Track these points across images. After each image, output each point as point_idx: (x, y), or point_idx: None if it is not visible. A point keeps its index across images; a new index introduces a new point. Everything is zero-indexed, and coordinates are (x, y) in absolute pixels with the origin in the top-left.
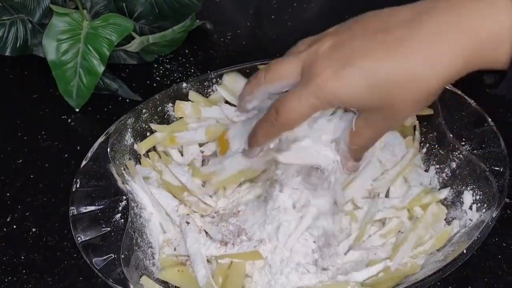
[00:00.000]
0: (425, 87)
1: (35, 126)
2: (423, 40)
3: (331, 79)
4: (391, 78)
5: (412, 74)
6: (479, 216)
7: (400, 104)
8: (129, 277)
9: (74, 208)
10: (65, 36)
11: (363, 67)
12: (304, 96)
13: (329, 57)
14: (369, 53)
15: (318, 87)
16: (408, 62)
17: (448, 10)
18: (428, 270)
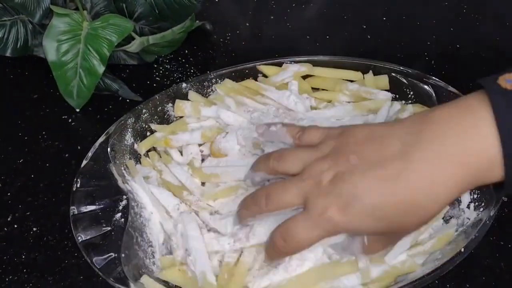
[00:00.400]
0: (426, 214)
1: (35, 126)
2: (418, 175)
3: (338, 215)
4: (394, 211)
5: (413, 205)
6: (477, 215)
7: (404, 229)
8: (129, 276)
9: (75, 207)
10: (65, 37)
11: (368, 204)
12: (314, 229)
13: (333, 193)
14: (372, 191)
15: (327, 222)
16: (408, 195)
17: (435, 142)
18: (426, 268)
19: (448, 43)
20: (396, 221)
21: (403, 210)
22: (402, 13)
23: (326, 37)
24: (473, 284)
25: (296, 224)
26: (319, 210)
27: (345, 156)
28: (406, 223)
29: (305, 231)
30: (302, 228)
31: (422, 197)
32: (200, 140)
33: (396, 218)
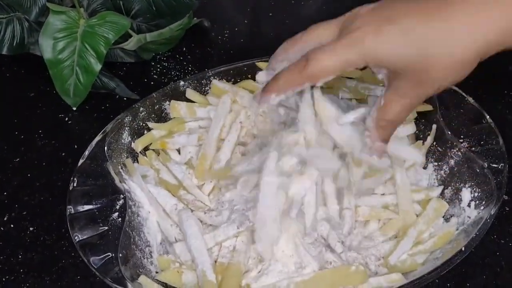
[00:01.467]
0: (461, 53)
1: (32, 125)
2: (463, 9)
3: (370, 33)
4: (429, 38)
5: (450, 37)
6: (478, 213)
7: (434, 67)
8: (126, 276)
9: (71, 207)
10: (62, 35)
11: (404, 24)
12: (340, 48)
13: (370, 16)
14: (411, 13)
15: (356, 40)
16: (448, 25)
17: None
18: (427, 267)
19: None
20: (426, 52)
21: (435, 39)
22: None
23: None
24: (474, 282)
25: (323, 47)
26: (352, 29)
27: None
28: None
29: (331, 50)
30: (329, 47)
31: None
32: (196, 142)
33: (427, 48)
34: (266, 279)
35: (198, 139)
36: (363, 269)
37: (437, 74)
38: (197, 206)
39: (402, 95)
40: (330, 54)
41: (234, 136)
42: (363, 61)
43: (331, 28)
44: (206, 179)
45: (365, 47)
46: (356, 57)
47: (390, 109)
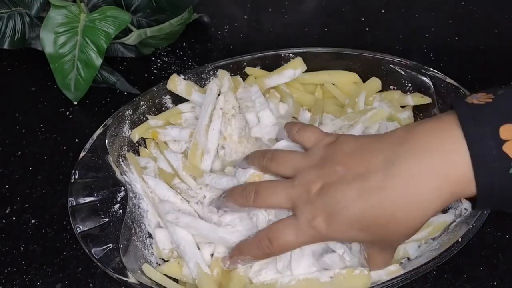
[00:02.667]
0: (408, 227)
1: (33, 119)
2: (399, 188)
3: (324, 225)
4: (375, 223)
5: (393, 218)
6: None
7: (388, 240)
8: (128, 266)
9: (73, 199)
10: (63, 29)
11: (350, 216)
12: (300, 235)
13: (319, 203)
14: (354, 202)
15: (313, 230)
16: (388, 208)
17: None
18: (424, 258)
19: (447, 36)
20: (379, 232)
21: (383, 222)
22: (400, 5)
23: (325, 30)
24: (471, 274)
25: (284, 227)
26: (307, 218)
27: (333, 166)
28: (389, 234)
29: (292, 236)
30: (290, 232)
31: (402, 210)
32: (188, 138)
33: (378, 229)
34: (267, 274)
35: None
36: (366, 273)
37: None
38: (189, 195)
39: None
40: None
41: (218, 123)
42: (324, 242)
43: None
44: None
45: (320, 234)
46: (314, 241)
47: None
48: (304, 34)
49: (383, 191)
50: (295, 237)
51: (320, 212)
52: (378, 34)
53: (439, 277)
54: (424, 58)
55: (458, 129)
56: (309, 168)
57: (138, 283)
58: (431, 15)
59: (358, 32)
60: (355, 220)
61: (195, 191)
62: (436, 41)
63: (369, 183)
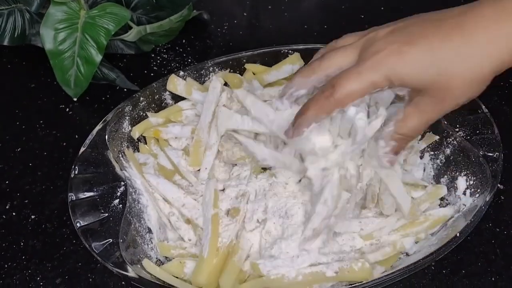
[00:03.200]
0: (479, 72)
1: (33, 115)
2: (478, 28)
3: (392, 55)
4: (449, 57)
5: (468, 57)
6: (473, 201)
7: (454, 85)
8: (127, 260)
9: (73, 194)
10: (63, 26)
11: (424, 45)
12: (364, 71)
13: (389, 38)
14: (429, 35)
15: (380, 62)
16: (465, 45)
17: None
18: (422, 253)
19: None
20: (446, 71)
21: (454, 58)
22: (400, 2)
23: (324, 27)
24: (469, 269)
25: (347, 73)
26: (373, 52)
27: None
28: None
29: (355, 75)
30: (353, 71)
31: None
32: (189, 135)
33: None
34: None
35: (191, 131)
36: (368, 266)
37: (457, 91)
38: (190, 192)
39: (423, 111)
40: (356, 78)
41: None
42: (388, 81)
43: (348, 54)
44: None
45: (389, 68)
46: (381, 79)
47: (408, 123)
48: (304, 31)
49: (458, 28)
50: (357, 76)
51: (390, 43)
52: None
53: (437, 272)
54: None
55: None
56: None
57: (138, 277)
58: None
59: (358, 29)
60: (430, 50)
61: (196, 187)
62: None
63: (445, 22)
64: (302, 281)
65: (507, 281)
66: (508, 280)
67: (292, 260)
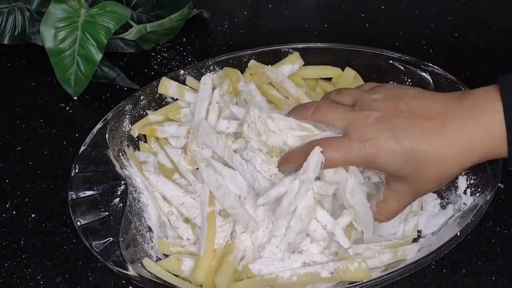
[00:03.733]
0: (449, 169)
1: (33, 114)
2: (452, 134)
3: (376, 147)
4: (426, 157)
5: (442, 156)
6: (473, 200)
7: (428, 180)
8: (128, 259)
9: (73, 192)
10: (63, 24)
11: (406, 145)
12: (350, 152)
13: (377, 128)
14: (412, 135)
15: (364, 150)
16: (440, 147)
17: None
18: (422, 252)
19: (447, 32)
20: (422, 167)
21: (431, 158)
22: (400, 1)
23: (324, 26)
24: (469, 269)
25: (335, 142)
26: (360, 138)
27: (396, 102)
28: (426, 175)
29: (341, 152)
30: (339, 147)
31: (450, 152)
32: (185, 134)
33: (423, 164)
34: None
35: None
36: (365, 267)
37: (430, 184)
38: (189, 191)
39: (400, 196)
40: (343, 153)
41: (214, 118)
42: (368, 165)
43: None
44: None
45: (373, 156)
46: (361, 162)
47: (388, 206)
48: (304, 29)
49: (439, 133)
50: (343, 154)
51: (375, 135)
52: (377, 30)
53: (438, 271)
54: (424, 54)
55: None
56: (371, 99)
57: (138, 276)
58: (431, 11)
59: (358, 28)
60: (408, 150)
61: (194, 186)
62: (435, 37)
63: (429, 123)
64: (297, 281)
65: (507, 281)
66: (508, 280)
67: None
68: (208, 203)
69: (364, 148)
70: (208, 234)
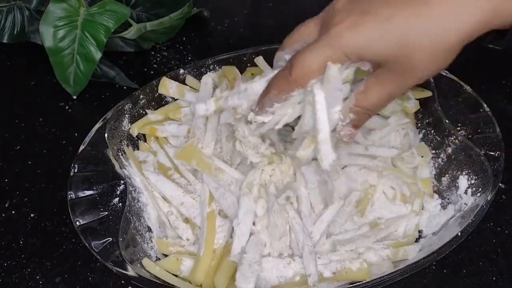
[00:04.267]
0: (444, 41)
1: (32, 113)
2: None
3: (347, 28)
4: (409, 26)
5: (431, 24)
6: (474, 200)
7: (416, 56)
8: (127, 259)
9: (72, 192)
10: (62, 23)
11: (381, 14)
12: (320, 48)
13: (347, 9)
14: (386, 5)
15: (334, 37)
16: (428, 12)
17: None
18: (423, 252)
19: None
20: (406, 43)
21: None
22: None
23: None
24: (470, 269)
25: (304, 49)
26: (330, 26)
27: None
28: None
29: (310, 52)
30: (309, 49)
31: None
32: (186, 134)
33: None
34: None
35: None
36: (366, 266)
37: (419, 63)
38: (188, 190)
39: (384, 84)
40: (311, 55)
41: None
42: (345, 57)
43: (311, 27)
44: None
45: (343, 43)
46: (337, 55)
47: (368, 96)
48: None
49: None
50: (312, 53)
51: (346, 16)
52: None
53: (438, 271)
54: None
55: None
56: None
57: (137, 276)
58: None
59: None
60: (388, 19)
61: (194, 186)
62: None
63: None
64: (300, 281)
65: (508, 281)
66: (509, 280)
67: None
68: (208, 203)
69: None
70: (208, 234)
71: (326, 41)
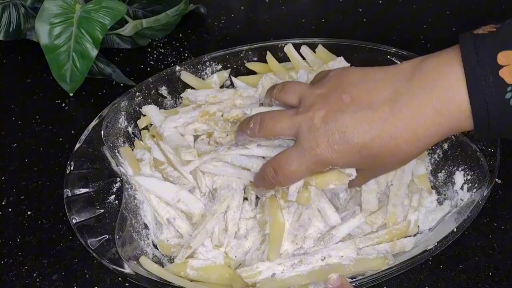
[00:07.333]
0: (406, 156)
1: (29, 111)
2: (404, 120)
3: (327, 151)
4: (378, 151)
5: (396, 148)
6: (470, 195)
7: (387, 166)
8: (123, 257)
9: (68, 190)
10: (58, 20)
11: (355, 144)
12: (304, 162)
13: (324, 129)
14: (360, 131)
15: (317, 157)
16: (393, 138)
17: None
18: (419, 248)
19: (444, 27)
20: (379, 160)
21: (386, 151)
22: None
23: (322, 21)
24: (466, 264)
25: (288, 156)
26: (310, 145)
27: (339, 94)
28: (388, 162)
29: (295, 163)
30: (293, 160)
31: (405, 141)
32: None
33: (379, 157)
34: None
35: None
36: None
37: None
38: (181, 183)
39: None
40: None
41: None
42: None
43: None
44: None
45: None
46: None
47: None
48: (301, 24)
49: (389, 122)
50: (298, 165)
51: (325, 139)
52: (375, 25)
53: (435, 267)
54: (422, 49)
55: (460, 65)
56: (314, 95)
57: (134, 274)
58: (429, 6)
59: (356, 23)
60: (361, 147)
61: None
62: (433, 32)
63: (377, 113)
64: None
65: (504, 276)
66: (505, 275)
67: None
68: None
69: (316, 156)
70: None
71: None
